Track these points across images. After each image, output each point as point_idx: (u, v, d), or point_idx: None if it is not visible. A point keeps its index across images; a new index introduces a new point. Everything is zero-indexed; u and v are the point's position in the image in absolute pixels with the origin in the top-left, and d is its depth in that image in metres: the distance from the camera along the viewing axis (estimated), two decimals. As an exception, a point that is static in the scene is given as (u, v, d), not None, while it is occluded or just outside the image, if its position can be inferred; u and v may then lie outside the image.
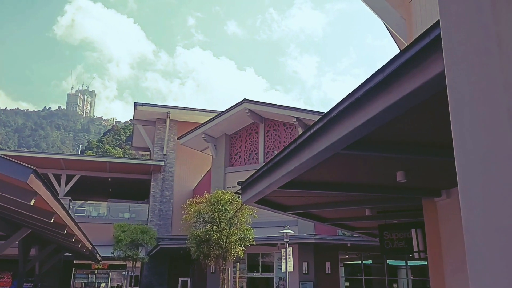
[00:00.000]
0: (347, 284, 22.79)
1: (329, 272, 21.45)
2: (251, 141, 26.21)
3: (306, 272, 21.01)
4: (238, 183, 8.33)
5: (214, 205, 15.11)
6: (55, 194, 8.52)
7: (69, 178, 30.79)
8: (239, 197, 10.35)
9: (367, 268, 23.33)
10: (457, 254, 6.08)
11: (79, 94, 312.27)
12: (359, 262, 23.09)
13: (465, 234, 1.52)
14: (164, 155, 32.39)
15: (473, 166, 1.52)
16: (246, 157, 26.19)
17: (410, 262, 23.56)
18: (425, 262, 20.92)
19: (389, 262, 23.31)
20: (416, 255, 7.64)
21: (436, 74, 2.96)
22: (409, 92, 3.30)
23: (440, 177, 6.34)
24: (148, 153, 39.28)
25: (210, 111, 32.40)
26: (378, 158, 5.60)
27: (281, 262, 19.21)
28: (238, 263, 22.21)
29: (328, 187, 7.06)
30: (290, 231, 17.72)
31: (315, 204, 8.72)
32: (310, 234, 20.25)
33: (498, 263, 1.36)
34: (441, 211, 6.85)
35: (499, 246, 1.39)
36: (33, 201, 7.13)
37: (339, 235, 21.09)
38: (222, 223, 15.07)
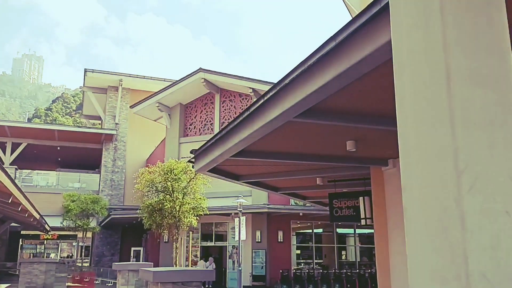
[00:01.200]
0: (298, 252, 23.54)
1: (281, 241, 22.03)
2: (207, 111, 25.98)
3: (259, 240, 21.46)
4: (191, 152, 8.27)
5: (168, 174, 14.96)
6: (-3, 160, 8.12)
7: (15, 146, 29.42)
8: (192, 166, 10.30)
9: (318, 236, 24.16)
10: (399, 218, 6.40)
11: (26, 59, 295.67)
12: (310, 231, 23.84)
13: (403, 192, 1.59)
14: (116, 124, 31.54)
15: (411, 128, 1.58)
16: (201, 127, 25.98)
17: (358, 231, 24.60)
18: (372, 231, 21.95)
19: (338, 230, 24.24)
20: (363, 221, 7.97)
21: (386, 42, 3.01)
22: (359, 60, 3.35)
23: (387, 147, 6.56)
24: (100, 122, 38.09)
25: (164, 79, 31.68)
26: (330, 127, 5.71)
27: (234, 232, 19.50)
28: (191, 233, 22.32)
29: (281, 156, 7.15)
30: (243, 200, 17.95)
31: (268, 173, 8.83)
32: (264, 204, 20.60)
33: (426, 215, 1.45)
34: (388, 179, 7.13)
35: (429, 202, 1.47)
36: (-28, 167, 6.77)
37: (291, 204, 21.60)
38: (175, 192, 14.98)
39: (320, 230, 24.46)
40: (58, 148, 31.01)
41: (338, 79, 3.74)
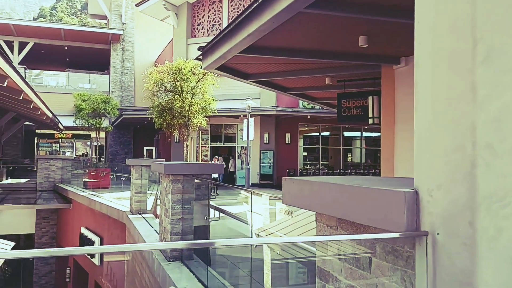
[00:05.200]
0: (305, 153, 24.15)
1: (289, 142, 22.49)
2: (215, 11, 24.97)
3: (267, 142, 21.92)
4: (198, 49, 8.10)
5: (176, 74, 14.82)
6: (5, 55, 8.06)
7: (22, 45, 29.05)
8: (201, 67, 10.15)
9: (325, 139, 24.59)
10: (407, 116, 6.41)
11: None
12: (317, 133, 24.21)
13: (416, 68, 1.55)
14: (123, 23, 30.67)
15: (428, 26, 1.50)
16: (209, 28, 25.17)
17: (364, 134, 24.94)
18: (378, 134, 22.21)
19: (345, 133, 24.58)
20: (370, 121, 8.01)
21: None
22: None
23: (400, 43, 6.35)
24: (106, 21, 37.02)
25: (171, -25, 30.00)
26: (342, 20, 5.48)
27: (243, 133, 19.86)
28: (201, 133, 22.81)
29: (290, 53, 6.98)
30: (252, 102, 18.00)
31: (277, 72, 8.71)
32: (272, 106, 20.68)
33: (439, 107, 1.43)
34: (399, 78, 7.01)
35: (440, 74, 1.44)
36: (-21, 60, 6.74)
37: (299, 107, 21.67)
38: (184, 92, 14.97)
39: (327, 133, 24.83)
40: (66, 48, 30.58)
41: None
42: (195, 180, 6.13)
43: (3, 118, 20.28)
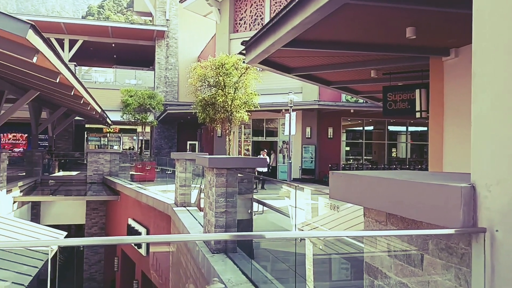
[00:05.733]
0: (347, 148, 23.79)
1: (331, 137, 22.23)
2: (257, 5, 24.98)
3: (309, 136, 21.77)
4: (242, 43, 8.14)
5: (219, 69, 14.98)
6: (57, 53, 8.42)
7: (72, 43, 30.27)
8: (244, 61, 10.22)
9: (368, 133, 24.12)
10: (457, 109, 6.17)
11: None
12: (361, 128, 23.77)
13: (473, 78, 1.48)
14: (167, 20, 31.30)
15: (488, 13, 1.43)
16: (251, 22, 25.23)
17: (410, 128, 24.25)
18: (425, 128, 21.55)
19: (390, 128, 24.00)
20: (418, 114, 7.76)
21: None
22: None
23: (450, 35, 6.11)
24: (151, 18, 37.92)
25: (213, -29, 30.27)
26: (389, 11, 5.34)
27: (284, 127, 19.82)
28: (243, 127, 22.96)
29: (334, 46, 6.88)
30: (294, 97, 17.91)
31: (320, 66, 8.61)
32: (314, 100, 20.48)
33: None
34: (448, 70, 6.75)
35: (504, 85, 1.37)
36: (35, 58, 7.07)
37: (342, 101, 21.35)
38: (227, 87, 15.11)
39: (371, 128, 24.33)
40: (113, 45, 31.57)
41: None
42: (238, 174, 6.19)
43: (56, 113, 21.24)
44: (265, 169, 18.16)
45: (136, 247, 13.81)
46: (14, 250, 6.52)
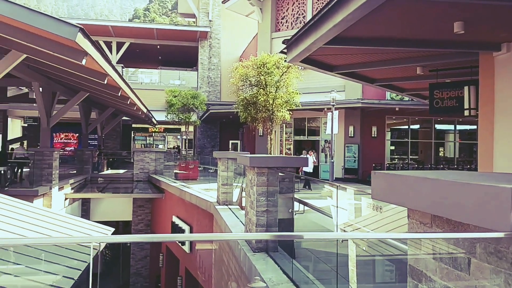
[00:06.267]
0: (392, 147, 23.21)
1: (375, 136, 21.76)
2: (299, 3, 24.84)
3: (352, 135, 21.42)
4: (283, 42, 8.12)
5: (260, 68, 15.01)
6: (105, 55, 8.73)
7: (119, 45, 31.30)
8: (285, 60, 10.17)
9: (414, 132, 23.41)
10: (509, 107, 5.87)
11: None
12: (406, 126, 23.12)
13: None
14: (210, 21, 31.73)
15: None
16: (293, 21, 25.12)
17: (458, 127, 23.34)
18: (474, 127, 20.65)
19: (437, 126, 23.20)
20: (466, 112, 7.45)
21: None
22: None
23: (501, 28, 5.82)
24: (194, 19, 38.59)
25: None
26: (435, 5, 5.15)
27: (326, 126, 19.60)
28: (285, 126, 22.90)
29: (378, 42, 6.73)
30: (336, 95, 17.67)
31: (363, 63, 8.45)
32: (358, 99, 20.11)
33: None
34: (499, 66, 6.44)
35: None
36: (84, 60, 7.37)
37: (387, 99, 20.84)
38: (268, 86, 15.12)
39: (417, 126, 23.60)
40: (158, 46, 32.38)
41: None
42: (279, 173, 6.18)
43: (104, 113, 22.06)
44: (310, 169, 18.01)
45: (180, 244, 14.10)
46: (64, 245, 6.82)
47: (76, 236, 7.57)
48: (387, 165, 21.75)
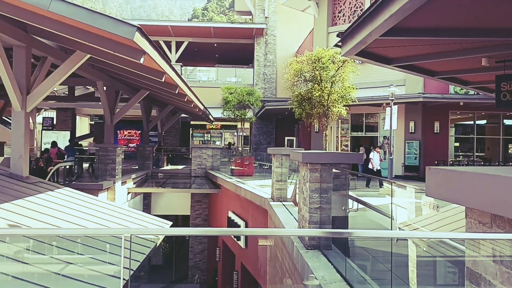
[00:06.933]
0: (456, 144, 22.06)
1: (438, 132, 20.77)
2: (357, -4, 24.23)
3: (412, 131, 20.59)
4: (337, 35, 7.93)
5: (315, 63, 14.81)
6: (162, 53, 8.97)
7: (178, 45, 32.17)
8: (340, 54, 9.95)
9: (480, 128, 22.08)
10: None
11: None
12: (472, 122, 21.87)
13: None
14: (266, 17, 31.78)
15: None
16: (350, 14, 24.54)
17: (531, 122, 21.76)
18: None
19: (505, 121, 21.75)
20: (538, 105, 6.89)
21: None
22: None
23: None
24: (250, 17, 38.86)
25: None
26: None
27: (385, 122, 18.98)
28: (341, 122, 22.47)
29: (439, 32, 6.38)
30: (396, 89, 17.05)
31: (423, 55, 8.06)
32: (419, 93, 19.27)
33: None
34: None
35: None
36: (142, 59, 7.61)
37: (450, 93, 19.82)
38: (323, 81, 14.89)
39: (484, 121, 22.24)
40: (215, 45, 32.92)
41: None
42: (333, 170, 6.05)
43: (164, 111, 22.78)
44: (378, 166, 17.07)
45: (235, 239, 14.27)
46: (125, 237, 7.10)
47: (109, 228, 7.83)
48: (451, 162, 20.71)
